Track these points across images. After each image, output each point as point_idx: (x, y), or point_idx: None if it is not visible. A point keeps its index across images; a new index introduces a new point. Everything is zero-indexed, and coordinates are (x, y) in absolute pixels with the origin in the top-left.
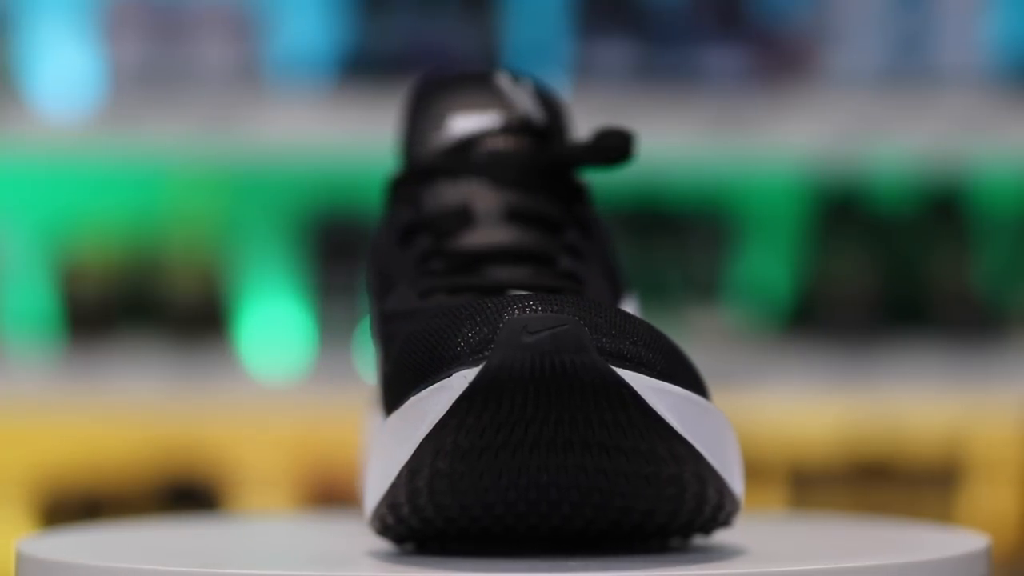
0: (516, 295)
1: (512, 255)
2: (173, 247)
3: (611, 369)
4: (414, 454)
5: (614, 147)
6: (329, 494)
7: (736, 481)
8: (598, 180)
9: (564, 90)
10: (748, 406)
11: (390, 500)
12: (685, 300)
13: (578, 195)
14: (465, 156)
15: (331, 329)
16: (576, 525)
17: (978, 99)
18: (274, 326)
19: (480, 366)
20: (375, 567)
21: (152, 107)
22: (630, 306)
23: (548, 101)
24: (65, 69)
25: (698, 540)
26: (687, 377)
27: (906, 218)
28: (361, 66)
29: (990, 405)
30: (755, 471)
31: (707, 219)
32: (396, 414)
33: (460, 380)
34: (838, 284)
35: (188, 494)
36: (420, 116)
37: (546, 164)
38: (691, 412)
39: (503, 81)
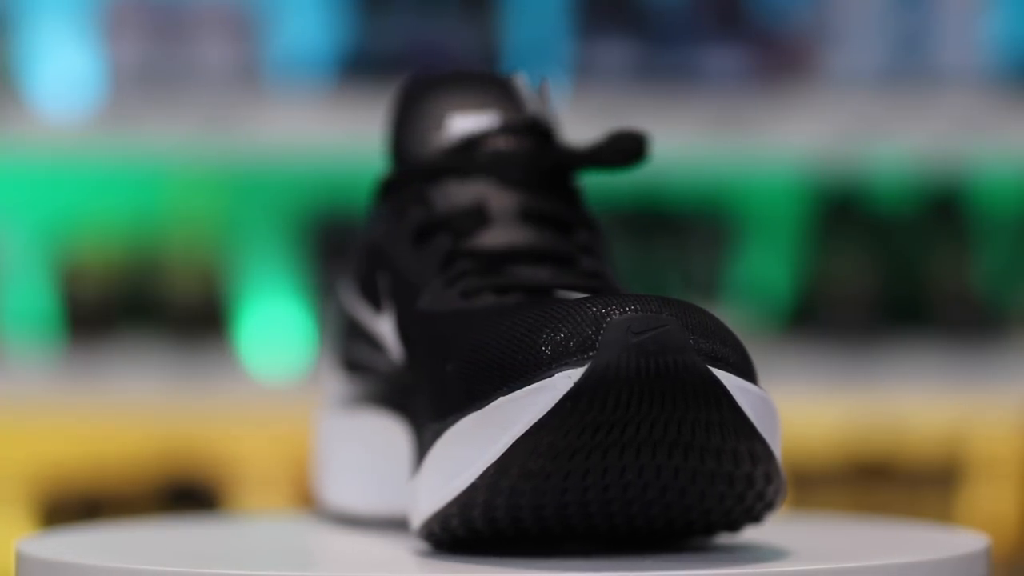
0: (612, 296)
1: (534, 255)
2: (173, 247)
3: (708, 369)
4: (505, 454)
5: (630, 148)
6: None
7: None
8: (598, 180)
9: (564, 90)
10: None
11: (463, 502)
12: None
13: (577, 196)
14: (473, 156)
15: None
16: (635, 524)
17: (978, 99)
18: (274, 326)
19: (585, 366)
20: (375, 567)
21: (152, 107)
22: None
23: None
24: (65, 69)
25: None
26: (755, 375)
27: (906, 218)
28: (361, 66)
29: (990, 405)
30: None
31: (707, 219)
32: (478, 414)
33: (564, 380)
34: (838, 284)
35: (188, 494)
36: (416, 115)
37: (561, 165)
38: (764, 411)
39: (518, 81)
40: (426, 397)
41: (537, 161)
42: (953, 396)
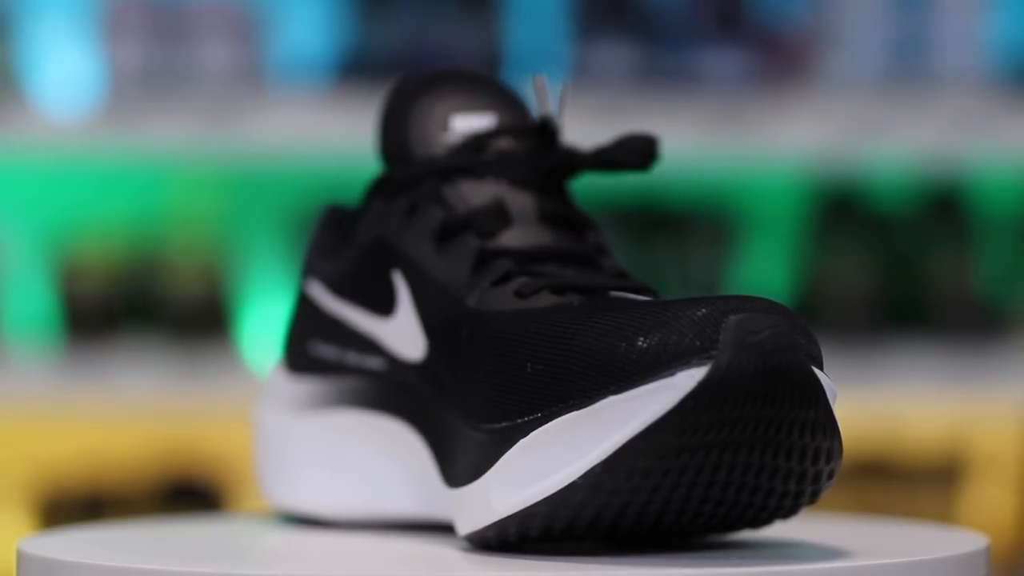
0: (718, 296)
1: (559, 256)
2: (174, 247)
3: (812, 369)
4: (615, 453)
5: (644, 150)
6: None
7: None
8: (599, 180)
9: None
10: None
11: (555, 502)
12: None
13: (573, 197)
14: (488, 156)
15: None
16: (697, 521)
17: (977, 99)
18: (275, 325)
19: (708, 365)
20: (375, 567)
21: (153, 107)
22: None
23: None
24: (66, 69)
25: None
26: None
27: (906, 218)
28: (361, 67)
29: (990, 404)
30: None
31: (707, 219)
32: (580, 413)
33: (686, 379)
34: (838, 284)
35: (189, 493)
36: (419, 114)
37: (574, 166)
38: (833, 409)
39: (537, 81)
40: (477, 397)
41: (552, 162)
42: (953, 395)
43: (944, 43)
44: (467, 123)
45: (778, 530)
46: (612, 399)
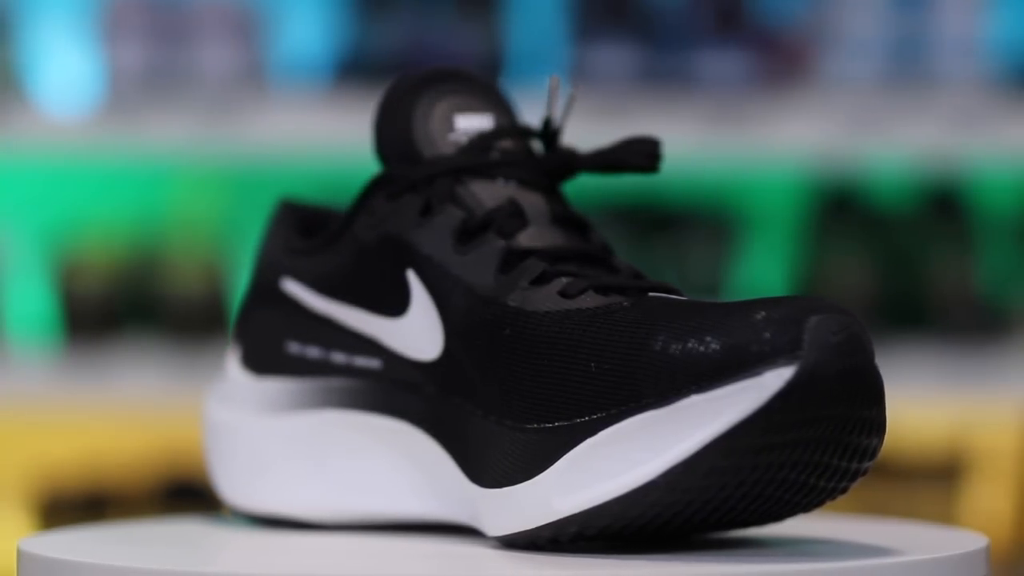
0: (787, 297)
1: (579, 256)
2: (175, 247)
3: (878, 370)
4: (698, 452)
5: (651, 152)
6: None
7: None
8: (599, 180)
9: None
10: None
11: (628, 501)
12: None
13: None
14: (493, 156)
15: None
16: (734, 518)
17: (976, 99)
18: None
19: (796, 365)
20: (374, 566)
21: (154, 107)
22: None
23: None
24: (67, 70)
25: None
26: None
27: (905, 217)
28: (361, 67)
29: (990, 404)
30: None
31: (706, 218)
32: (659, 412)
33: (775, 379)
34: (837, 283)
35: (189, 493)
36: (420, 114)
37: (583, 167)
38: None
39: (553, 81)
40: (520, 396)
41: (560, 163)
42: (952, 395)
43: (943, 43)
44: (470, 123)
45: (778, 529)
46: (695, 398)
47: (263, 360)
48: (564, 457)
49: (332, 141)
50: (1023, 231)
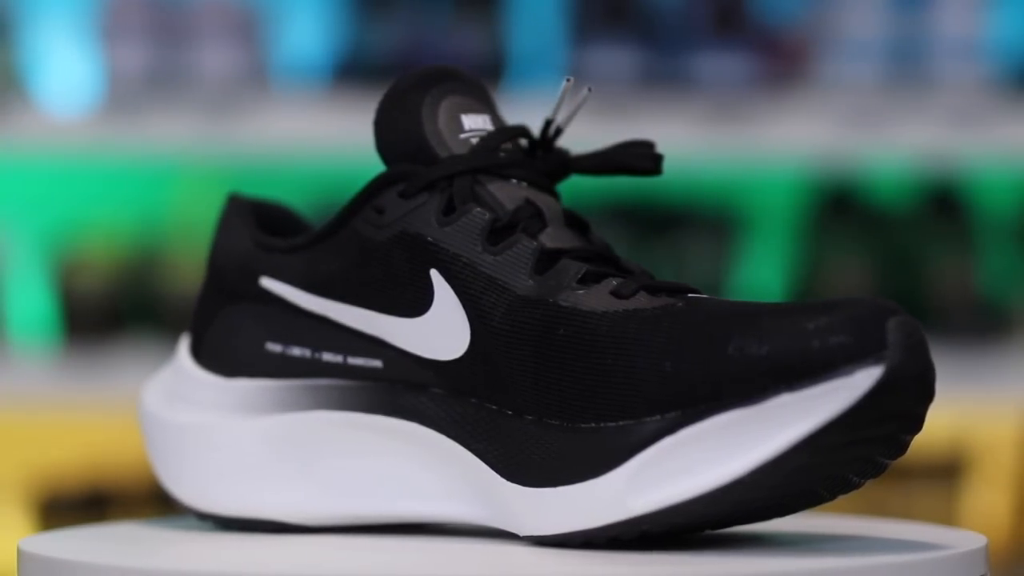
0: (855, 299)
1: (596, 256)
2: (175, 246)
3: (935, 368)
4: (787, 451)
5: (652, 155)
6: None
7: None
8: (599, 179)
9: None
10: None
11: (710, 499)
12: None
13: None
14: (504, 157)
15: None
16: (772, 515)
17: (975, 99)
18: None
19: (883, 365)
20: (373, 565)
21: (154, 107)
22: None
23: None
24: (68, 70)
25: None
26: None
27: (905, 217)
28: (361, 68)
29: (990, 404)
30: None
31: (706, 218)
32: (746, 411)
33: (865, 378)
34: (836, 283)
35: None
36: (427, 113)
37: (585, 170)
38: None
39: (567, 84)
40: (573, 395)
41: (564, 165)
42: (952, 394)
43: (942, 44)
44: (474, 122)
45: (778, 529)
46: (785, 397)
47: (234, 361)
48: (638, 456)
49: (332, 141)
50: (1023, 231)
